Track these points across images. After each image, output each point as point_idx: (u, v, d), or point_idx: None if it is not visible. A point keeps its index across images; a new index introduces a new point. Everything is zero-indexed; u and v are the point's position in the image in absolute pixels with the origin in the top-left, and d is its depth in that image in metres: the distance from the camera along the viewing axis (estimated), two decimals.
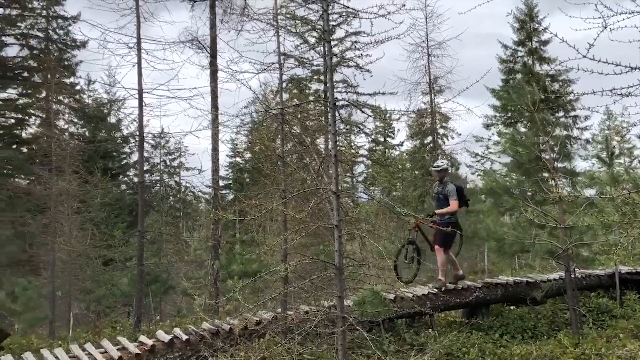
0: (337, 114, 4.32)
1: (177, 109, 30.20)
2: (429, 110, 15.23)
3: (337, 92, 16.44)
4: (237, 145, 34.91)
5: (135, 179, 26.98)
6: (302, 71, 19.98)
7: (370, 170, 25.60)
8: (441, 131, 20.33)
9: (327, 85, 4.41)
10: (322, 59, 17.66)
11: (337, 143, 4.58)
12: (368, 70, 19.70)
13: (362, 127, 19.62)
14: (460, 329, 8.37)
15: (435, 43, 14.40)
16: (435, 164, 9.24)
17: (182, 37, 12.72)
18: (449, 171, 9.33)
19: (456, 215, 9.10)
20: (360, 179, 27.70)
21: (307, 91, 20.30)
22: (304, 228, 4.72)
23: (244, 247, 17.49)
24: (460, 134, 22.17)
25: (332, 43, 11.88)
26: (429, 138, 21.00)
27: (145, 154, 25.79)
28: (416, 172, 22.10)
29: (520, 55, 26.97)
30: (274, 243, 5.76)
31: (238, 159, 35.24)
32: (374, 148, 29.99)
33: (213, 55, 13.40)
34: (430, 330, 8.32)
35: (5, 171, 23.06)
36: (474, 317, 9.01)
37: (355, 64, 19.32)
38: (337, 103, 4.85)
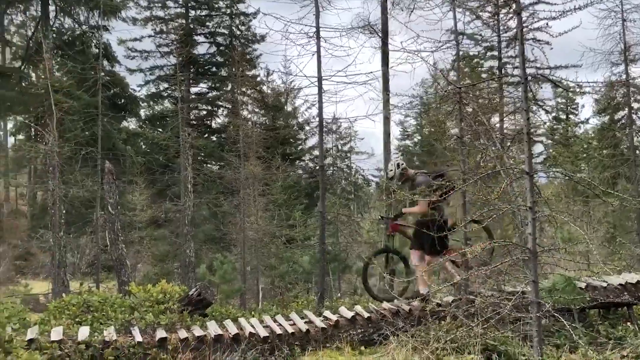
0: (529, 90, 4.10)
1: (352, 94, 30.92)
2: (622, 82, 13.70)
3: (514, 67, 15.56)
4: (406, 127, 34.94)
5: (310, 164, 28.36)
6: (475, 48, 19.26)
7: (550, 150, 23.90)
8: (635, 105, 18.24)
9: (518, 59, 4.20)
10: (497, 35, 16.83)
11: (527, 120, 4.35)
12: (548, 43, 18.30)
13: (542, 103, 18.37)
14: None
15: (632, 6, 12.84)
16: (387, 175, 7.76)
17: (355, 23, 13.04)
18: (403, 167, 7.51)
19: (443, 213, 7.17)
20: (539, 159, 25.98)
21: (479, 69, 19.50)
22: (493, 210, 4.56)
23: None
24: None
25: (509, 15, 11.24)
26: (621, 113, 18.95)
27: None
28: (604, 152, 20.13)
29: None
30: (460, 226, 5.66)
31: (407, 142, 35.28)
32: (554, 126, 27.91)
33: (384, 39, 13.55)
34: (629, 323, 7.58)
35: (199, 158, 25.72)
36: None
37: (533, 37, 18.08)
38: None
